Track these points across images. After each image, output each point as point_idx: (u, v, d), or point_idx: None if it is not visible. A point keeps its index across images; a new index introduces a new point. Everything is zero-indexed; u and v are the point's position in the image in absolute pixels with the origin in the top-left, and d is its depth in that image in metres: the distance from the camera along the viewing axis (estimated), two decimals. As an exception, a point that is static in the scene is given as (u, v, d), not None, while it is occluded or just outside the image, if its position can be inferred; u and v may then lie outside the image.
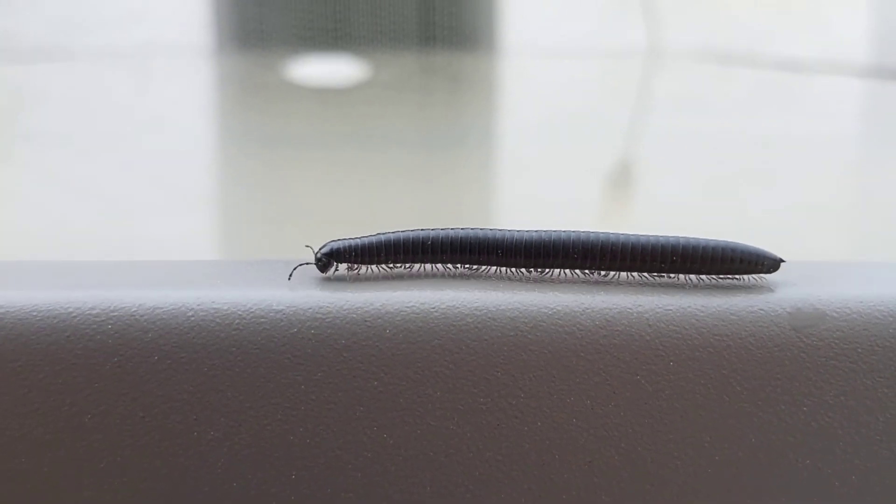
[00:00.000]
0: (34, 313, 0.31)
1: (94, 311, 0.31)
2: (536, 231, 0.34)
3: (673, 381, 0.31)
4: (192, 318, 0.31)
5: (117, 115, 1.34)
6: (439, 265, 0.34)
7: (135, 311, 0.31)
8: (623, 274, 0.34)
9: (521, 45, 1.94)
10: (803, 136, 1.19)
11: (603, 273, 0.34)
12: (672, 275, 0.34)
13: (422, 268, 0.34)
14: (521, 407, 0.31)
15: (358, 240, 0.34)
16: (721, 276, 0.34)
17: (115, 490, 0.31)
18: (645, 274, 0.34)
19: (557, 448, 0.31)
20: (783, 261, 0.35)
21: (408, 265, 0.34)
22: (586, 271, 0.34)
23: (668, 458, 0.32)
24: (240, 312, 0.31)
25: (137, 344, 0.31)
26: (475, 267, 0.34)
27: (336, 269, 0.34)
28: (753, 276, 0.34)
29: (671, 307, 0.31)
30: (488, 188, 1.12)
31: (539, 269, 0.34)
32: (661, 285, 0.33)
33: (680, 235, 0.34)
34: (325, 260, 0.34)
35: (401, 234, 0.34)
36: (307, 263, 0.34)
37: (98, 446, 0.31)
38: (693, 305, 0.31)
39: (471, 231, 0.34)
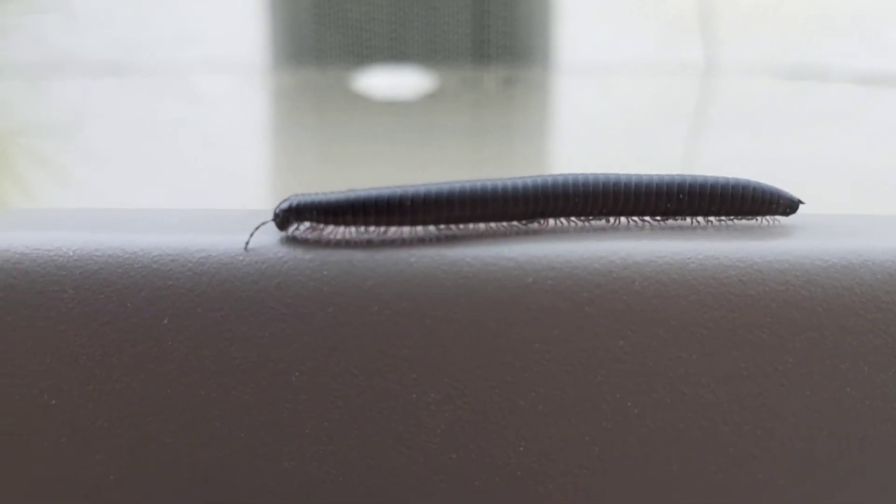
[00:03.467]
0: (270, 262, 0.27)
1: (307, 258, 0.28)
2: (526, 178, 0.30)
3: None
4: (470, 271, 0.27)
5: (173, 132, 1.34)
6: (421, 227, 0.29)
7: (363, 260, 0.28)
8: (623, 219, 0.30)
9: (577, 63, 1.92)
10: (868, 156, 1.15)
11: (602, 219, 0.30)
12: (677, 218, 0.30)
13: (399, 231, 0.29)
14: (788, 374, 0.27)
15: (324, 196, 0.29)
16: (732, 217, 0.31)
17: (321, 458, 0.28)
18: (647, 218, 0.30)
19: (827, 423, 0.27)
20: (801, 202, 0.31)
21: (382, 228, 0.29)
22: (584, 218, 0.30)
23: None
24: (521, 262, 0.27)
25: (356, 292, 0.28)
26: (461, 226, 0.29)
27: (297, 228, 0.29)
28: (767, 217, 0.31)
29: None
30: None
31: (533, 221, 0.30)
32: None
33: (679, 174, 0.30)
34: (284, 216, 0.29)
35: (374, 191, 0.29)
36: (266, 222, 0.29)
37: (303, 408, 0.28)
38: None
39: (457, 185, 0.29)
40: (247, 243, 0.28)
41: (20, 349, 0.27)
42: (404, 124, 1.42)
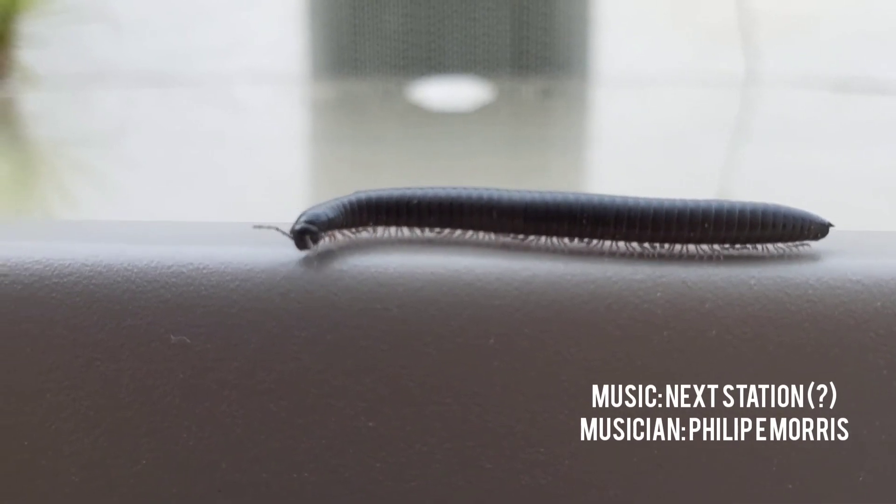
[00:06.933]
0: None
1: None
2: (538, 193, 0.29)
3: None
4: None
5: (214, 142, 1.33)
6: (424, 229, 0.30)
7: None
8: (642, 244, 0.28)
9: (616, 73, 1.92)
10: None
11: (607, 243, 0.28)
12: (700, 245, 0.28)
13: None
14: None
15: (335, 202, 0.29)
16: (760, 244, 0.29)
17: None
18: (666, 245, 0.28)
19: None
20: (832, 225, 0.29)
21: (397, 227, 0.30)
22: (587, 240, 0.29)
23: None
24: (867, 284, 0.26)
25: (642, 315, 0.26)
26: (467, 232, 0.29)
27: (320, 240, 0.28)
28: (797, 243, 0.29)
29: None
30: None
31: (539, 236, 0.29)
32: None
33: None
34: (308, 232, 0.28)
35: (384, 192, 0.30)
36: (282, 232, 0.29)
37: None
38: None
39: (496, 192, 0.29)
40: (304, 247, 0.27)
41: (208, 380, 0.26)
42: (443, 134, 1.41)
